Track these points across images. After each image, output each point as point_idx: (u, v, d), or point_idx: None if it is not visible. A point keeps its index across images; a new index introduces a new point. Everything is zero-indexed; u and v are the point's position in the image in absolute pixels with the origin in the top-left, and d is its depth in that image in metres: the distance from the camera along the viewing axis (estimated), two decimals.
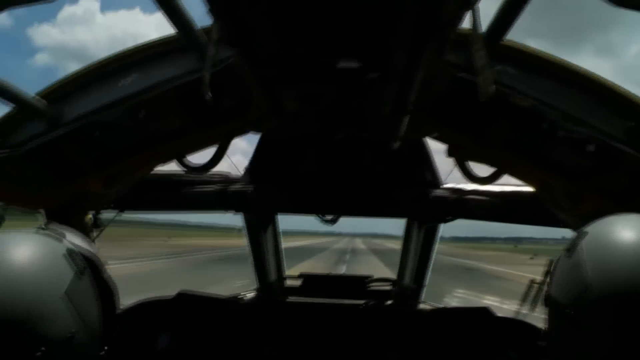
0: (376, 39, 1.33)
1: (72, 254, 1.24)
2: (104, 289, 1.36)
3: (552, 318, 1.38)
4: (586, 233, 1.33)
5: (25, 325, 1.08)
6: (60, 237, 1.28)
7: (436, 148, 2.96)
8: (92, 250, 1.35)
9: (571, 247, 1.34)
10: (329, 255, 45.26)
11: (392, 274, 3.92)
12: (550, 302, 1.38)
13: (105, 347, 1.33)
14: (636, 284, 1.16)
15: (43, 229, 1.31)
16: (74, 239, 1.32)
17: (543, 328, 1.45)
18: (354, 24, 1.26)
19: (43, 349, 1.08)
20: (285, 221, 3.85)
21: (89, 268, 1.29)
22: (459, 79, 1.79)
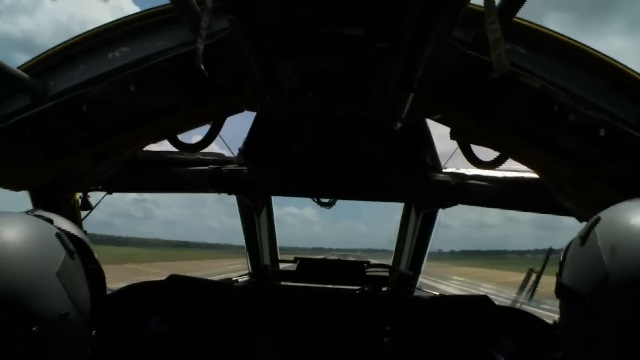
0: (386, 5, 1.24)
1: (62, 237, 1.26)
2: (93, 273, 1.37)
3: (566, 307, 1.33)
4: (599, 219, 1.28)
5: (20, 302, 1.11)
6: (49, 220, 1.30)
7: (437, 132, 2.89)
8: (80, 234, 1.37)
9: (585, 235, 1.28)
10: None
11: None
12: (564, 292, 1.33)
13: (95, 330, 1.35)
14: None
15: (31, 212, 1.33)
16: (62, 223, 1.35)
17: (556, 319, 1.41)
18: None
19: (37, 325, 1.11)
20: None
21: (78, 251, 1.31)
22: (466, 57, 1.72)
